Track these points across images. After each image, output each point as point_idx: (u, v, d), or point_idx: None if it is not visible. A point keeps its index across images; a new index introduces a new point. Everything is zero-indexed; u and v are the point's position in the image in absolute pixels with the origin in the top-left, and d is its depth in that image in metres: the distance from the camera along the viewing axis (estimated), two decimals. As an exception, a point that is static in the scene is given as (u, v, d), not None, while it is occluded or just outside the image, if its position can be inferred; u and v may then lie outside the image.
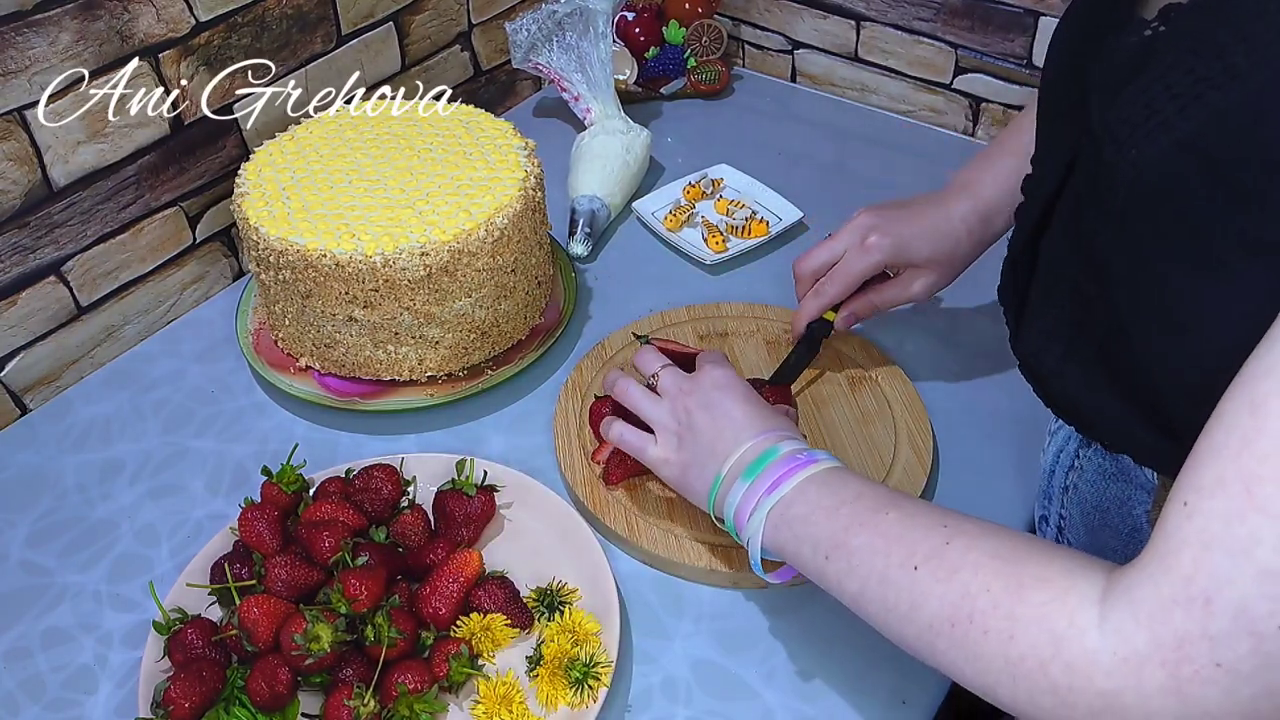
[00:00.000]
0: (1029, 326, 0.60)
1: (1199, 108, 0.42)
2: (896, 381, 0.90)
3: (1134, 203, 0.46)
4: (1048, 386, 0.59)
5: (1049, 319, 0.58)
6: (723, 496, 0.67)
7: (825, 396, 0.90)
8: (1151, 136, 0.44)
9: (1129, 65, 0.46)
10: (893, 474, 0.82)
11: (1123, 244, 0.48)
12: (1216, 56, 0.41)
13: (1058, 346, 0.57)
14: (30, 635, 0.77)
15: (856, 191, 1.18)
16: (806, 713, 0.70)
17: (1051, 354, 0.57)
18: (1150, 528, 0.58)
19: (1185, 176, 0.43)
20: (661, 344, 0.91)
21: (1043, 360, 0.58)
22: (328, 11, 1.08)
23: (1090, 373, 0.55)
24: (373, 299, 0.86)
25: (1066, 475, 0.67)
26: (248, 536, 0.75)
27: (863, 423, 0.87)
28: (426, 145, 0.96)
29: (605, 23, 1.17)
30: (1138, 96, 0.45)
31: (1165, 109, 0.43)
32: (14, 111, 0.86)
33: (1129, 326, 0.49)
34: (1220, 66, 0.41)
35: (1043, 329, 0.58)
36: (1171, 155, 0.43)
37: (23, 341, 0.94)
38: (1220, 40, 0.41)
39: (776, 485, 0.63)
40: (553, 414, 0.90)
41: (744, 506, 0.65)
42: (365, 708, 0.65)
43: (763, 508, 0.63)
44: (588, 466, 0.85)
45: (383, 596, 0.71)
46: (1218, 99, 0.41)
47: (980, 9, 1.17)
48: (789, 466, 0.64)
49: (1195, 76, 0.42)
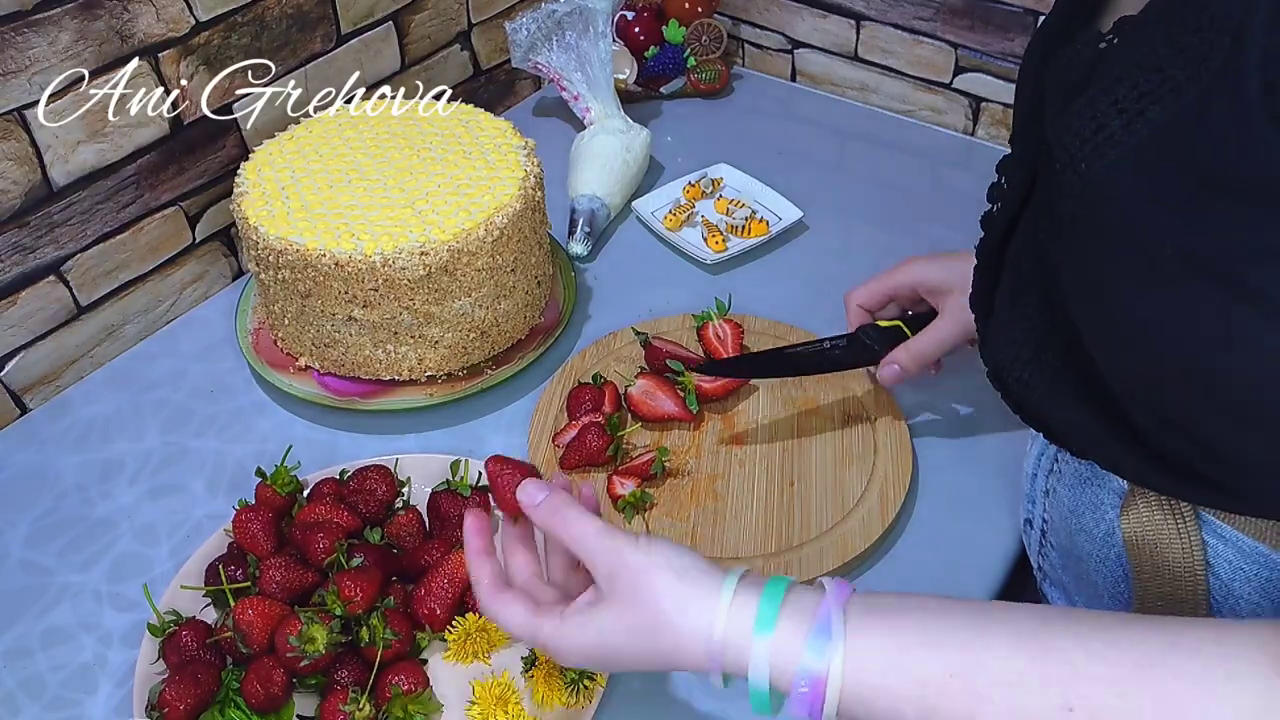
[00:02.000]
0: (996, 335, 0.60)
1: (1142, 123, 0.42)
2: (893, 430, 0.86)
3: (1082, 214, 0.46)
4: (1015, 395, 0.59)
5: (1015, 328, 0.58)
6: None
7: (812, 427, 0.88)
8: (1099, 150, 0.43)
9: (1080, 76, 0.46)
10: (847, 521, 0.79)
11: (1072, 255, 0.48)
12: (1156, 70, 0.41)
13: (1024, 355, 0.57)
14: (30, 635, 0.77)
15: (856, 191, 1.18)
16: (803, 714, 0.70)
17: (1018, 363, 0.57)
18: (1121, 533, 0.59)
19: (1130, 190, 0.43)
20: (662, 344, 0.92)
21: (1009, 369, 0.58)
22: (327, 11, 1.08)
23: (1056, 382, 0.55)
24: (372, 298, 0.86)
25: (1047, 479, 0.67)
26: (242, 538, 0.75)
27: (839, 463, 0.84)
28: (426, 145, 0.96)
29: (605, 22, 1.17)
30: (1085, 109, 0.44)
31: (1112, 123, 0.43)
32: (14, 111, 0.86)
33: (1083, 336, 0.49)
34: (1159, 80, 0.41)
35: (1009, 338, 0.58)
36: (1117, 169, 0.43)
37: (23, 341, 0.94)
38: (1160, 53, 0.41)
39: (816, 712, 0.48)
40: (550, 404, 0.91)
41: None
42: (360, 712, 0.65)
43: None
44: (550, 446, 0.87)
45: (378, 598, 0.71)
46: (1157, 113, 0.41)
47: (980, 8, 1.17)
48: (805, 707, 0.48)
49: (1139, 91, 0.42)
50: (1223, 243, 0.41)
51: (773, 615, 0.49)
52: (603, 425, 0.84)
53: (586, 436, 0.84)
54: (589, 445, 0.83)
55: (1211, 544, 0.55)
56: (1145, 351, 0.45)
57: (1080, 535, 0.64)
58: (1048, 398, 0.56)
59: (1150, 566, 0.57)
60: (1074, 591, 0.68)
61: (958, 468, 0.85)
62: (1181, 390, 0.45)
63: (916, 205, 1.15)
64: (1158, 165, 0.42)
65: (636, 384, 0.88)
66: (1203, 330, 0.42)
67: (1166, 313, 0.44)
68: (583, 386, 0.89)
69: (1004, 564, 0.79)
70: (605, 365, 0.94)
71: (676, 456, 0.86)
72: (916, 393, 0.91)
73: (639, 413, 0.88)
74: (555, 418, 0.89)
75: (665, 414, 0.88)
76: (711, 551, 0.78)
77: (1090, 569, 0.63)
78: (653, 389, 0.88)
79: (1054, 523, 0.67)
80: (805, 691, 0.48)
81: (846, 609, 0.49)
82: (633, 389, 0.88)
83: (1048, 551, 0.70)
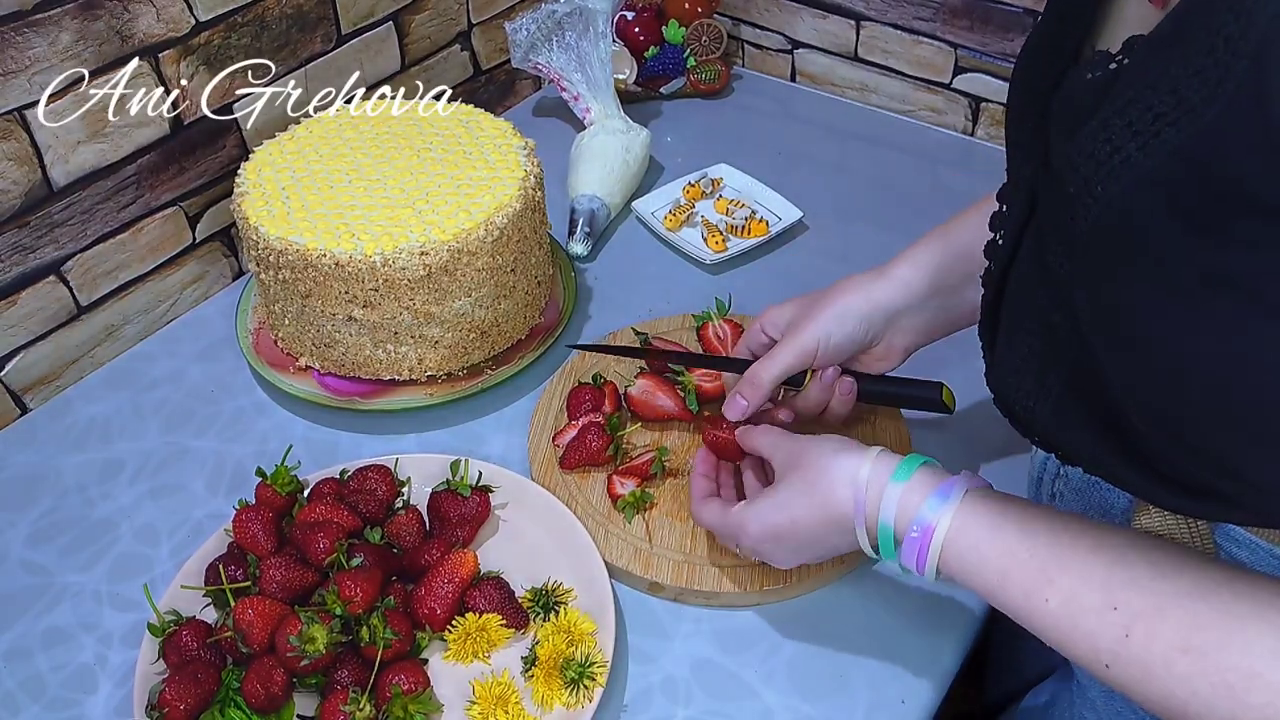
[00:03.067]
0: (999, 361, 0.60)
1: (1158, 145, 0.41)
2: (893, 430, 0.87)
3: (1097, 237, 0.45)
4: (1020, 420, 0.59)
5: (1019, 353, 0.57)
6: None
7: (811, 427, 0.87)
8: (1115, 174, 0.43)
9: (1091, 99, 0.46)
10: None
11: (1086, 277, 0.48)
12: (1171, 92, 0.41)
13: (1028, 381, 0.57)
14: (30, 635, 0.77)
15: (856, 191, 1.18)
16: (806, 713, 0.70)
17: (1022, 389, 0.57)
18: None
19: (1148, 212, 0.43)
20: (663, 345, 0.92)
21: (1014, 396, 0.58)
22: (327, 11, 1.08)
23: (1061, 407, 0.55)
24: (372, 299, 0.86)
25: (1054, 483, 0.67)
26: (242, 538, 0.75)
27: None
28: (426, 145, 0.96)
29: (605, 22, 1.17)
30: (1099, 132, 0.44)
31: (1127, 146, 0.43)
32: (14, 111, 0.86)
33: (1095, 359, 0.49)
34: (1173, 101, 0.41)
35: (1013, 364, 0.58)
36: (1134, 192, 0.43)
37: (23, 341, 0.94)
38: (1173, 74, 0.41)
39: (920, 567, 0.60)
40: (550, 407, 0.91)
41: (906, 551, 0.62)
42: (361, 712, 0.65)
43: (929, 579, 0.61)
44: (550, 446, 0.86)
45: (378, 598, 0.71)
46: (1174, 135, 0.41)
47: (980, 9, 1.17)
48: (914, 549, 0.60)
49: (1154, 113, 0.41)
50: (1248, 261, 0.40)
51: (908, 472, 0.62)
52: (603, 425, 0.84)
53: (586, 436, 0.84)
54: (589, 445, 0.83)
55: (1224, 546, 0.55)
56: (1165, 372, 0.45)
57: None
58: (1053, 423, 0.56)
59: None
60: None
61: (957, 468, 0.85)
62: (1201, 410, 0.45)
63: (916, 205, 1.15)
64: (1177, 187, 0.41)
65: (636, 384, 0.88)
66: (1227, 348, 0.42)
67: (1189, 333, 0.43)
68: (583, 386, 0.89)
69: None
70: (605, 365, 0.94)
71: (676, 456, 0.86)
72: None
73: (639, 413, 0.88)
74: (555, 418, 0.89)
75: (665, 414, 0.88)
76: (711, 551, 0.78)
77: None
78: (653, 389, 0.88)
79: None
80: (916, 536, 0.59)
81: (970, 487, 0.60)
82: (633, 389, 0.88)
83: None
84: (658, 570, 0.77)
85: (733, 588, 0.76)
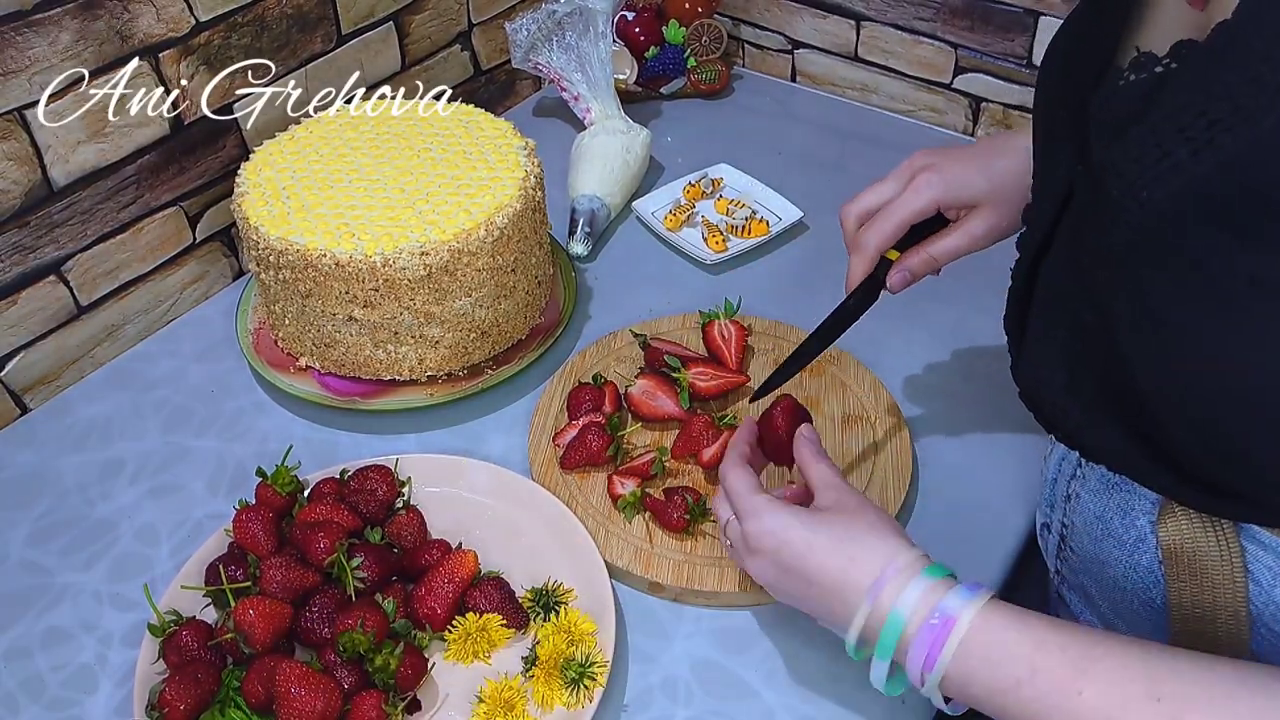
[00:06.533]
0: (1029, 356, 0.59)
1: (1211, 151, 0.41)
2: (894, 431, 0.86)
3: (1139, 240, 0.45)
4: (1048, 416, 0.59)
5: (1049, 349, 0.57)
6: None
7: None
8: (1162, 179, 0.43)
9: (1137, 102, 0.46)
10: None
11: (1125, 280, 0.47)
12: (1226, 98, 0.41)
13: (1058, 378, 0.56)
14: (30, 635, 0.77)
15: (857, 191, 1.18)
16: (806, 713, 0.70)
17: (1052, 386, 0.57)
18: (1155, 537, 0.58)
19: (1194, 217, 0.43)
20: (661, 344, 0.92)
21: (1043, 392, 0.58)
22: (328, 11, 1.08)
23: (1090, 404, 0.55)
24: (373, 299, 0.86)
25: (1069, 484, 0.66)
26: (242, 538, 0.75)
27: (839, 463, 0.83)
28: (426, 145, 0.96)
29: (605, 22, 1.17)
30: (1148, 136, 0.44)
31: (1178, 151, 0.42)
32: (14, 111, 0.86)
33: (1130, 361, 0.49)
34: (1230, 108, 0.41)
35: (1043, 359, 0.57)
36: (1182, 197, 0.43)
37: (23, 341, 0.94)
38: (1229, 81, 0.41)
39: (930, 662, 0.56)
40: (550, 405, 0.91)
41: (912, 667, 0.58)
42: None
43: (930, 683, 0.57)
44: (551, 446, 0.86)
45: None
46: (1228, 142, 0.41)
47: (980, 9, 1.17)
48: (930, 638, 0.56)
49: (1208, 119, 0.41)
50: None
51: (942, 572, 0.58)
52: (603, 425, 0.84)
53: (587, 436, 0.84)
54: (589, 445, 0.83)
55: (1251, 550, 0.54)
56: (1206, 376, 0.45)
57: (1108, 541, 0.63)
58: (1083, 420, 0.55)
59: (1188, 574, 0.57)
60: (1097, 596, 0.67)
61: (958, 468, 0.85)
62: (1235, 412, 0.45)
63: (916, 205, 1.15)
64: (1226, 192, 0.41)
65: (636, 384, 0.88)
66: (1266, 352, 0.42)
67: (1232, 337, 0.43)
68: (583, 386, 0.89)
69: (1004, 564, 0.79)
70: (605, 365, 0.94)
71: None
72: (917, 393, 0.91)
73: (639, 413, 0.88)
74: (555, 418, 0.89)
75: (665, 414, 0.88)
76: (711, 552, 0.78)
77: (1118, 575, 0.62)
78: (653, 389, 0.88)
79: (1076, 528, 0.66)
80: (935, 624, 0.55)
81: (994, 594, 0.57)
82: (633, 389, 0.88)
83: (1067, 556, 0.69)
84: (658, 570, 0.77)
85: (733, 588, 0.76)
